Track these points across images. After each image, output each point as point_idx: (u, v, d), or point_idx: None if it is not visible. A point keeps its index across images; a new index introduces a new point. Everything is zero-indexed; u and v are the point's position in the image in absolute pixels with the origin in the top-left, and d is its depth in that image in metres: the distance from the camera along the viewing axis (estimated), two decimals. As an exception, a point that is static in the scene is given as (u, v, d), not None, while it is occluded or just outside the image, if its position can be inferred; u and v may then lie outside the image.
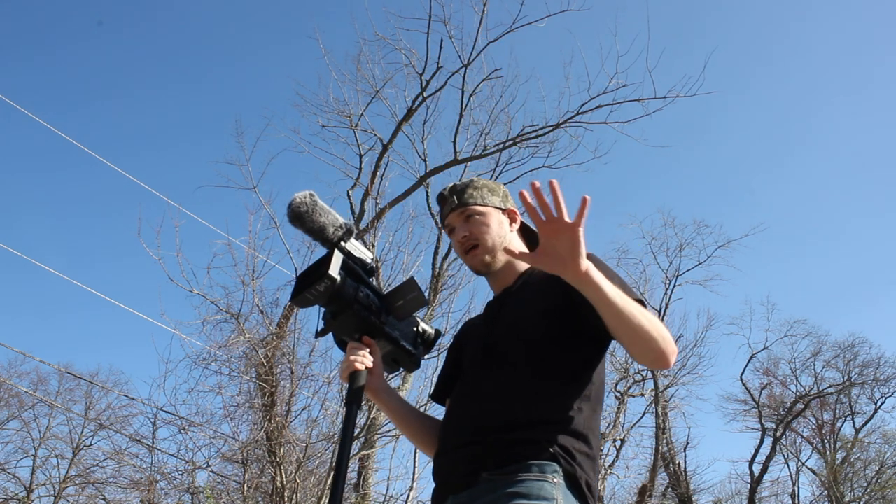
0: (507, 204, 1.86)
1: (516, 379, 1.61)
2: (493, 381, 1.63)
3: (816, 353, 20.60)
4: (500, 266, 1.79)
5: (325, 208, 1.67)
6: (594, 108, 9.49)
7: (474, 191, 1.83)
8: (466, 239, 1.79)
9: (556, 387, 1.59)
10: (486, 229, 1.79)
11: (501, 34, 9.62)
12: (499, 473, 1.50)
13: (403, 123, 9.89)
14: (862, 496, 20.92)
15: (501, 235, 1.80)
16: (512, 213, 1.86)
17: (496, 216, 1.82)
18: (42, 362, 20.71)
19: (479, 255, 1.78)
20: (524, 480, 1.47)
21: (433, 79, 9.66)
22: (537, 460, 1.50)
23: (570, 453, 1.53)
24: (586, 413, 1.60)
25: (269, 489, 6.95)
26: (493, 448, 1.54)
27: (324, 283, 1.61)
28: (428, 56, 9.54)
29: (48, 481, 17.69)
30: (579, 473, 1.53)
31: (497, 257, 1.79)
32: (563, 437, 1.54)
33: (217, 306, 7.17)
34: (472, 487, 1.52)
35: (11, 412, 18.11)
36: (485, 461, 1.53)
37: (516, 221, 1.86)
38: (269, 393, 7.00)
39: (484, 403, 1.62)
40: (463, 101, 9.89)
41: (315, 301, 1.66)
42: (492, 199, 1.83)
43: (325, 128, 10.07)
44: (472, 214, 1.80)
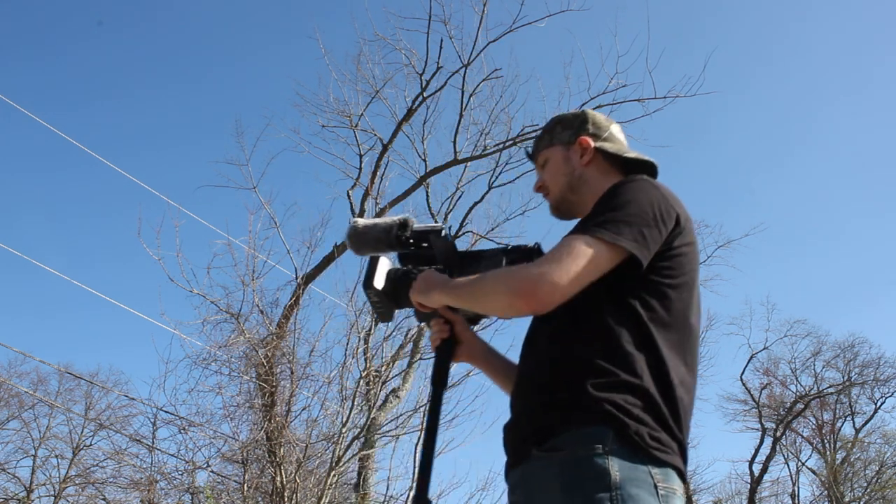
0: (578, 135, 1.66)
1: (556, 333, 1.45)
2: (539, 337, 1.51)
3: (816, 353, 20.62)
4: (575, 206, 1.64)
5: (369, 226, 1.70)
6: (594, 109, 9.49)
7: (546, 133, 1.71)
8: (540, 188, 1.72)
9: (599, 334, 1.39)
10: (553, 173, 1.68)
11: (501, 34, 9.62)
12: (547, 450, 1.34)
13: (403, 123, 9.89)
14: (862, 496, 20.92)
15: (569, 174, 1.64)
16: (582, 142, 1.65)
17: (561, 154, 1.67)
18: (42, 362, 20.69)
19: (550, 201, 1.70)
20: (573, 460, 1.30)
21: (433, 79, 9.66)
22: (582, 427, 1.32)
23: (622, 409, 1.32)
24: (645, 360, 1.37)
25: (269, 489, 6.95)
26: (535, 414, 1.40)
27: (370, 294, 1.68)
28: (428, 56, 9.54)
29: (48, 481, 17.71)
30: (638, 428, 1.31)
31: (567, 198, 1.65)
32: (612, 390, 1.33)
33: (217, 306, 7.17)
34: (524, 463, 1.39)
35: (11, 412, 18.13)
36: (530, 431, 1.39)
37: (588, 152, 1.64)
38: (269, 393, 7.00)
39: (530, 362, 1.51)
40: (463, 101, 9.89)
41: (387, 310, 1.71)
42: (562, 136, 1.68)
43: (325, 128, 10.07)
44: (544, 161, 1.70)
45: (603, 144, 1.66)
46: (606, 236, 1.37)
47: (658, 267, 1.42)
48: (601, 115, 1.74)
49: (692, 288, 1.50)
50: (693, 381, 1.47)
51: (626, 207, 1.41)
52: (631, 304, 1.41)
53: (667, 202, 1.46)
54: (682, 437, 1.40)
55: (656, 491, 1.29)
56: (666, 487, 1.31)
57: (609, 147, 1.66)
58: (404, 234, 1.67)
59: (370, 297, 1.69)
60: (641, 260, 1.38)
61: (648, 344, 1.39)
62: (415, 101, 9.82)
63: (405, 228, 1.68)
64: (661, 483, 1.30)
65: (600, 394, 1.33)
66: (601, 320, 1.41)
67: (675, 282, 1.45)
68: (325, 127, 10.04)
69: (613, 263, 1.39)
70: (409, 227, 1.68)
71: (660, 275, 1.43)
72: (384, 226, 1.68)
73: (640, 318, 1.40)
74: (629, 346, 1.38)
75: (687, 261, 1.47)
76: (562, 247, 1.38)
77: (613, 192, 1.46)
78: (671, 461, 1.33)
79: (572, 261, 1.35)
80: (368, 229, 1.69)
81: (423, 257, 1.69)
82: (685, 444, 1.41)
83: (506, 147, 10.04)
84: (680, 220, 1.47)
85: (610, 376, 1.35)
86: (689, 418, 1.45)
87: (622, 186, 1.47)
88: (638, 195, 1.44)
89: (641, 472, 1.29)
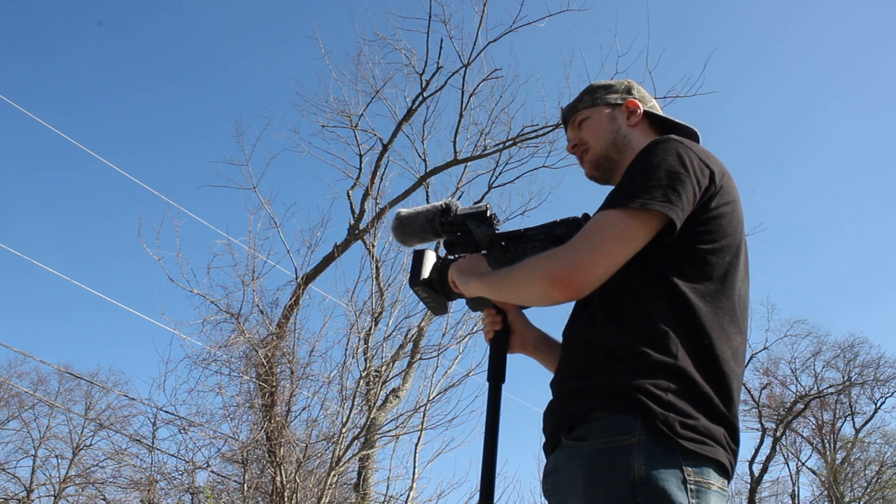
0: (625, 98, 1.61)
1: (593, 313, 1.37)
2: (574, 321, 1.46)
3: (816, 353, 20.62)
4: (617, 165, 1.55)
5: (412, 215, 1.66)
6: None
7: (587, 95, 1.63)
8: (577, 147, 1.61)
9: (630, 313, 1.32)
10: (596, 130, 1.58)
11: (501, 34, 9.61)
12: (573, 438, 1.29)
13: (403, 123, 9.88)
14: (862, 496, 20.90)
15: (614, 132, 1.57)
16: (630, 104, 1.59)
17: (607, 113, 1.59)
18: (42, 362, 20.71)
19: (589, 159, 1.59)
20: (598, 452, 1.24)
21: (433, 79, 9.66)
22: (608, 415, 1.25)
23: (652, 395, 1.23)
24: (681, 338, 1.28)
25: (269, 489, 6.95)
26: (565, 400, 1.35)
27: (419, 290, 1.64)
28: (428, 56, 9.54)
29: (48, 481, 17.71)
30: (667, 417, 1.22)
31: (610, 155, 1.56)
32: (642, 375, 1.25)
33: (217, 306, 7.16)
34: (556, 452, 1.35)
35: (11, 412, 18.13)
36: (561, 417, 1.34)
37: (637, 113, 1.59)
38: (269, 393, 7.00)
39: (565, 347, 1.45)
40: (463, 101, 9.88)
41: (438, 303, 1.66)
42: (605, 98, 1.61)
43: (325, 128, 10.07)
44: (583, 119, 1.61)
45: (650, 109, 1.61)
46: (636, 204, 1.28)
47: (695, 231, 1.33)
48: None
49: (737, 251, 1.39)
50: (744, 350, 1.38)
51: (655, 170, 1.32)
52: (666, 275, 1.32)
53: (699, 159, 1.36)
54: (732, 415, 1.29)
55: (685, 486, 1.19)
56: (698, 482, 1.21)
57: (660, 113, 1.62)
58: (447, 219, 1.62)
59: (419, 294, 1.65)
60: (676, 221, 1.28)
61: (688, 317, 1.30)
62: (415, 101, 9.82)
63: (448, 213, 1.62)
64: (691, 476, 1.21)
65: (628, 379, 1.25)
66: (632, 296, 1.32)
67: (715, 245, 1.34)
68: (325, 127, 10.04)
69: (652, 232, 1.30)
70: (452, 212, 1.62)
71: (697, 239, 1.33)
72: (427, 213, 1.64)
73: (677, 290, 1.31)
74: (663, 323, 1.28)
75: (727, 221, 1.37)
76: (593, 226, 1.30)
77: (642, 156, 1.38)
78: (706, 453, 1.23)
79: (606, 240, 1.27)
80: (412, 219, 1.65)
81: (471, 244, 1.63)
82: (736, 424, 1.30)
83: (506, 147, 10.04)
84: (715, 177, 1.37)
85: (640, 359, 1.26)
86: (740, 391, 1.35)
87: (652, 148, 1.38)
88: (667, 156, 1.34)
89: (669, 464, 1.20)
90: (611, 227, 1.28)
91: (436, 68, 9.54)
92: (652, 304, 1.31)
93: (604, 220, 1.30)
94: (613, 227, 1.28)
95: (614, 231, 1.28)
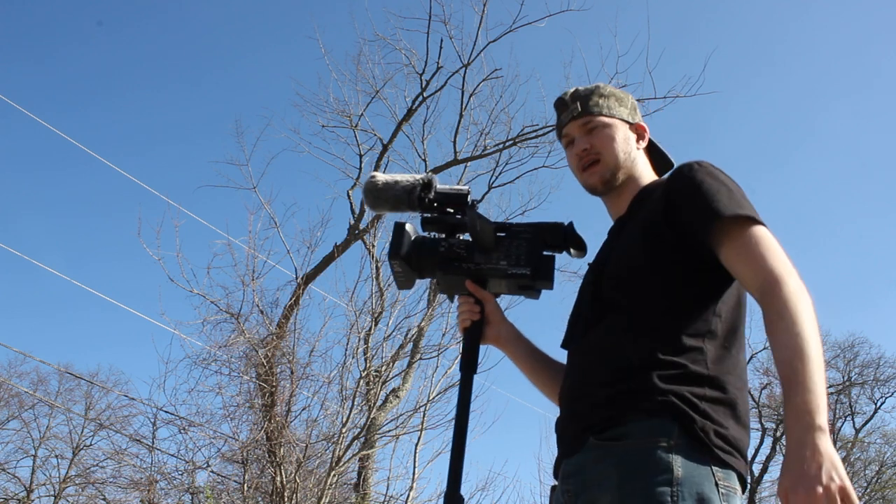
0: (635, 118, 1.63)
1: (622, 324, 1.40)
2: (599, 330, 1.44)
3: (816, 353, 20.57)
4: (621, 184, 1.58)
5: (390, 183, 1.58)
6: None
7: (600, 98, 1.61)
8: (587, 153, 1.58)
9: (667, 326, 1.35)
10: (612, 143, 1.57)
11: (501, 34, 9.60)
12: (606, 439, 1.30)
13: (403, 123, 9.88)
14: (862, 496, 20.91)
15: (626, 152, 1.58)
16: (640, 128, 1.63)
17: (623, 130, 1.60)
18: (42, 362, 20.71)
19: (600, 171, 1.57)
20: (634, 451, 1.26)
21: (433, 79, 9.65)
22: (645, 418, 1.27)
23: (690, 403, 1.27)
24: (712, 352, 1.33)
25: (269, 489, 6.95)
26: (596, 405, 1.35)
27: (393, 263, 1.56)
28: (428, 56, 9.53)
29: (48, 481, 17.71)
30: (705, 425, 1.25)
31: (618, 176, 1.57)
32: (681, 382, 1.29)
33: (217, 306, 7.17)
34: (581, 453, 1.34)
35: (11, 412, 18.13)
36: (589, 422, 1.34)
37: (644, 139, 1.63)
38: (269, 393, 7.00)
39: (589, 355, 1.44)
40: (463, 101, 9.88)
41: (408, 279, 1.59)
42: (619, 111, 1.61)
43: (325, 128, 10.06)
44: (597, 126, 1.58)
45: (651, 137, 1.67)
46: (759, 218, 1.36)
47: None
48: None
49: None
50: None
51: (736, 187, 1.41)
52: (703, 291, 1.38)
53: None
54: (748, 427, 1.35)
55: (717, 489, 1.23)
56: (727, 486, 1.25)
57: (657, 142, 1.67)
58: (427, 195, 1.56)
59: (394, 267, 1.58)
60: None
61: (719, 331, 1.36)
62: (415, 101, 9.82)
63: (429, 189, 1.56)
64: (721, 482, 1.24)
65: (666, 385, 1.29)
66: (668, 309, 1.37)
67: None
68: (325, 127, 10.04)
69: None
70: (432, 189, 1.57)
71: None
72: (406, 185, 1.57)
73: (711, 305, 1.37)
74: (697, 336, 1.34)
75: None
76: (768, 249, 1.31)
77: (713, 172, 1.42)
78: (733, 464, 1.28)
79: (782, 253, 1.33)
80: (389, 186, 1.58)
81: (447, 224, 1.59)
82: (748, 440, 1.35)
83: (506, 147, 10.04)
84: None
85: (676, 368, 1.30)
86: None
87: (711, 167, 1.44)
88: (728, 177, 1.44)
89: (704, 469, 1.23)
90: (774, 240, 1.35)
91: (436, 68, 9.54)
92: (688, 317, 1.36)
93: (768, 237, 1.34)
94: (774, 240, 1.35)
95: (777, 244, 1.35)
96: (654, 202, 1.47)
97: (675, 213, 1.40)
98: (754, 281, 1.29)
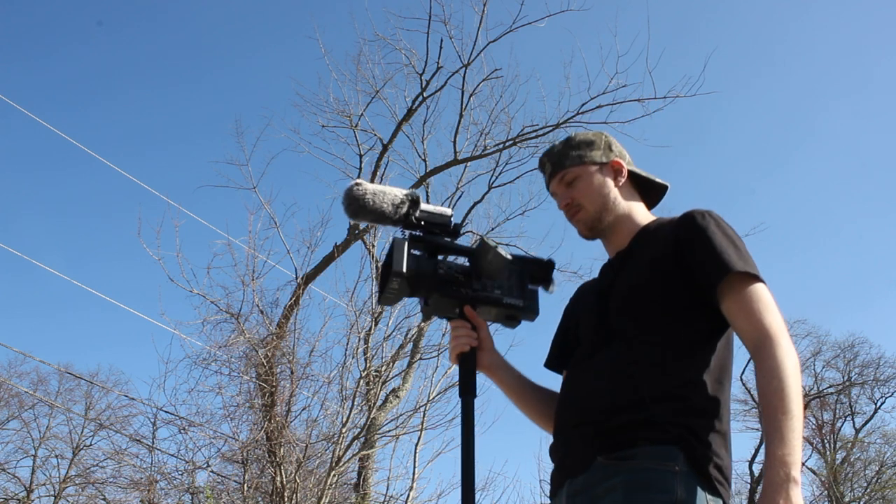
0: (609, 156, 1.73)
1: (630, 353, 1.49)
2: (606, 356, 1.52)
3: (816, 353, 20.63)
4: (609, 225, 1.69)
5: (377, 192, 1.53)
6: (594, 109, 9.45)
7: (571, 150, 1.72)
8: (569, 206, 1.71)
9: (673, 359, 1.47)
10: (588, 190, 1.68)
11: (501, 34, 9.60)
12: (615, 458, 1.40)
13: (403, 123, 9.88)
14: (862, 496, 20.92)
15: (605, 194, 1.68)
16: (615, 164, 1.72)
17: (597, 175, 1.70)
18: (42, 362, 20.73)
19: (583, 219, 1.69)
20: (642, 469, 1.36)
21: (433, 79, 9.65)
22: (656, 445, 1.38)
23: (694, 433, 1.40)
24: (711, 385, 1.46)
25: (269, 489, 6.95)
26: (609, 429, 1.43)
27: (394, 280, 1.52)
28: (428, 56, 9.53)
29: (48, 481, 17.72)
30: (706, 455, 1.39)
31: (603, 218, 1.68)
32: (686, 414, 1.42)
33: (217, 306, 7.16)
34: (588, 472, 1.43)
35: (11, 412, 18.14)
36: (600, 443, 1.43)
37: (622, 173, 1.72)
38: (269, 393, 7.00)
39: (598, 381, 1.51)
40: (463, 101, 9.88)
41: (398, 297, 1.56)
42: (592, 155, 1.71)
43: (325, 128, 10.06)
44: (573, 178, 1.70)
45: (631, 167, 1.75)
46: (761, 276, 1.49)
47: None
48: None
49: None
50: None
51: (741, 244, 1.53)
52: (710, 332, 1.51)
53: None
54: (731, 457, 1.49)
55: None
56: None
57: (639, 171, 1.75)
58: (414, 213, 1.54)
59: (391, 283, 1.53)
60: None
61: (719, 369, 1.50)
62: (415, 101, 9.82)
63: (416, 206, 1.54)
64: None
65: (675, 417, 1.41)
66: (679, 345, 1.49)
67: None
68: (325, 127, 10.04)
69: None
70: (419, 206, 1.55)
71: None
72: (394, 198, 1.52)
73: (715, 345, 1.51)
74: (703, 372, 1.46)
75: None
76: (765, 307, 1.45)
77: (722, 226, 1.54)
78: (722, 494, 1.40)
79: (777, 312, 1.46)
80: (377, 197, 1.52)
81: (433, 244, 1.57)
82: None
83: (506, 147, 10.05)
84: None
85: (684, 400, 1.43)
86: None
87: (721, 220, 1.56)
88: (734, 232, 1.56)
89: (700, 495, 1.36)
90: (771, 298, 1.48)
91: (436, 68, 9.54)
92: (691, 351, 1.48)
93: (767, 295, 1.47)
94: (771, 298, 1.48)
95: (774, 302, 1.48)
96: (662, 241, 1.58)
97: (687, 256, 1.52)
98: (750, 335, 1.43)
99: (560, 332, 1.80)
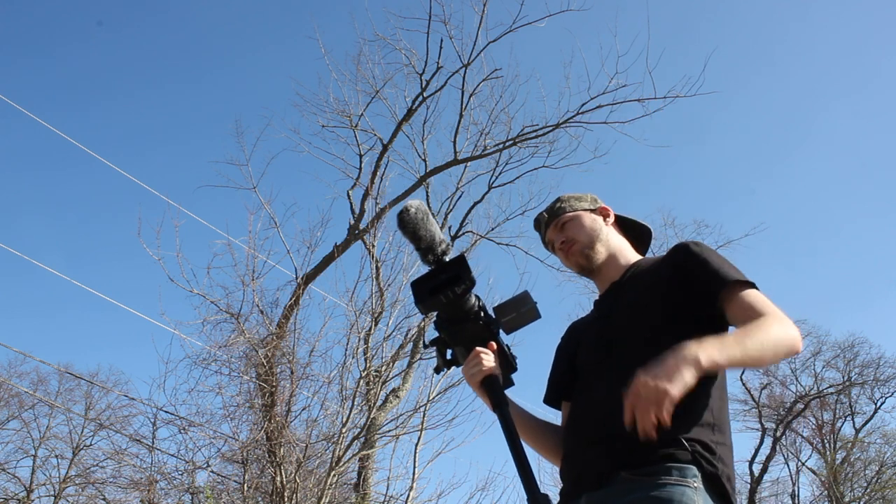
0: (597, 205, 1.94)
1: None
2: (617, 374, 1.55)
3: (816, 353, 20.59)
4: (601, 260, 1.84)
5: (434, 223, 1.62)
6: (594, 109, 9.50)
7: (562, 204, 1.93)
8: (564, 243, 1.87)
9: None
10: (581, 227, 1.87)
11: (501, 34, 9.65)
12: (638, 474, 1.47)
13: (403, 123, 9.90)
14: (862, 496, 20.92)
15: (595, 230, 1.87)
16: (603, 209, 1.94)
17: (587, 215, 1.91)
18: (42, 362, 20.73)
19: (578, 249, 1.84)
20: (665, 484, 1.43)
21: (433, 79, 9.69)
22: (677, 462, 1.46)
23: (709, 449, 1.50)
24: (717, 400, 1.58)
25: (269, 489, 6.95)
26: (630, 445, 1.47)
27: (464, 285, 1.56)
28: (428, 56, 9.56)
29: (48, 481, 17.72)
30: (720, 470, 1.50)
31: (596, 250, 1.84)
32: (700, 430, 1.51)
33: (217, 306, 7.15)
34: (609, 486, 1.49)
35: (11, 412, 18.15)
36: (622, 459, 1.49)
37: (610, 217, 1.93)
38: (269, 393, 7.00)
39: (611, 398, 1.52)
40: (463, 101, 9.90)
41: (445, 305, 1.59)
42: (580, 205, 1.93)
43: (325, 128, 10.10)
44: (566, 221, 1.89)
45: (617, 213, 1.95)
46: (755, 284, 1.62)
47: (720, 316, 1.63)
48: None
49: None
50: None
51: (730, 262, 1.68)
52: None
53: None
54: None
55: None
56: None
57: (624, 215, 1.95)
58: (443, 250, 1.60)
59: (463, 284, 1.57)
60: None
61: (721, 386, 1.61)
62: (415, 101, 9.84)
63: (448, 252, 1.61)
64: None
65: (693, 436, 1.50)
66: None
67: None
68: (325, 127, 10.07)
69: None
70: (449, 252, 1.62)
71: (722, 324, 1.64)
72: (439, 233, 1.61)
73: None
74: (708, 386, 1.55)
75: None
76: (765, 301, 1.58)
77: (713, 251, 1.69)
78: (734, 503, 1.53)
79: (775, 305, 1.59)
80: (432, 223, 1.59)
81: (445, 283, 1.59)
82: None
83: (506, 147, 10.06)
84: None
85: (698, 418, 1.53)
86: None
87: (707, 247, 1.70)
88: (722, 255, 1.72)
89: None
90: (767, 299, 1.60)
91: (436, 68, 9.57)
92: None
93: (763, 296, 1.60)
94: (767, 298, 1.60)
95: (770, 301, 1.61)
96: (658, 271, 1.72)
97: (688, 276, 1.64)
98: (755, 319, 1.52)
99: (556, 368, 1.89)
